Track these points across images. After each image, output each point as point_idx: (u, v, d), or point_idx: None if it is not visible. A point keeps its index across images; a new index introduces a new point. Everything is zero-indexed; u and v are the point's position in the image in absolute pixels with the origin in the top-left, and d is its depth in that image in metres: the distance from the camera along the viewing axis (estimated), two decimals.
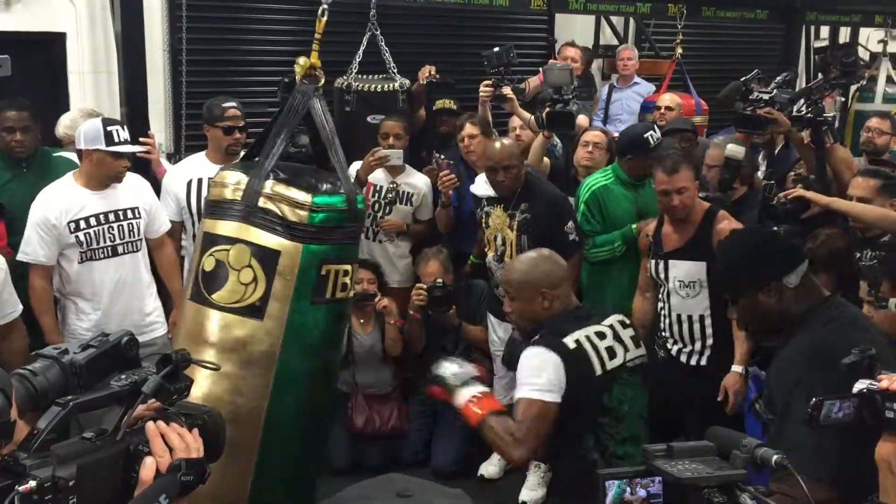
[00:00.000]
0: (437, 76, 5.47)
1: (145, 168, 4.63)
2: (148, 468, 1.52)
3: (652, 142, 4.59)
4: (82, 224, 3.97)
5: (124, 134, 3.99)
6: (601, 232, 4.61)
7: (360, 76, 5.50)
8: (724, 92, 5.49)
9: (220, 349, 2.73)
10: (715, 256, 3.70)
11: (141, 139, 4.60)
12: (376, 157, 4.80)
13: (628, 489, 1.82)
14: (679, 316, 3.95)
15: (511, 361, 3.18)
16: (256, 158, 3.01)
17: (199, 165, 4.62)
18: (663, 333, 4.06)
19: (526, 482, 4.54)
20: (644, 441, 2.87)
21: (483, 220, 4.64)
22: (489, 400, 2.91)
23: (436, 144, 5.50)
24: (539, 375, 2.81)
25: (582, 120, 5.43)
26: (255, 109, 5.36)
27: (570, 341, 2.87)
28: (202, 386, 2.66)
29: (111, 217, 4.05)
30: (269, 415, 2.79)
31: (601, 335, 2.94)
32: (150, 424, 1.55)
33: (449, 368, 2.94)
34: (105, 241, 4.04)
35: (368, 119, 5.34)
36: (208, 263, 2.72)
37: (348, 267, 2.87)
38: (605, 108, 7.09)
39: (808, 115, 4.53)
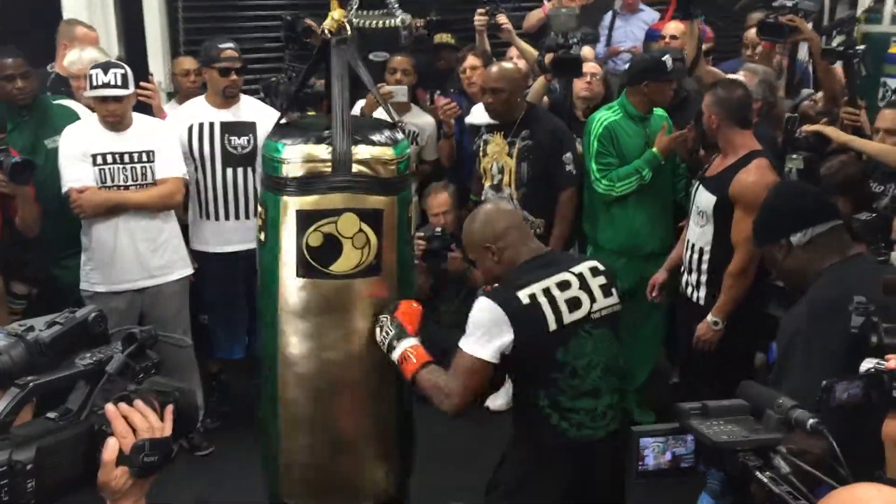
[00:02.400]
0: (437, 16, 5.25)
1: (146, 114, 4.44)
2: (110, 449, 1.43)
3: (669, 65, 4.33)
4: (99, 160, 3.98)
5: (103, 77, 3.85)
6: (618, 167, 4.38)
7: (360, 12, 5.25)
8: (745, 1, 5.26)
9: (352, 311, 2.78)
10: (727, 196, 3.64)
11: (141, 83, 4.43)
12: (381, 94, 4.63)
13: (666, 450, 1.70)
14: (688, 241, 3.88)
15: None
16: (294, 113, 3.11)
17: (199, 110, 4.43)
18: (683, 264, 3.97)
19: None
20: (611, 395, 2.72)
21: (481, 149, 4.49)
22: (422, 353, 2.73)
23: (439, 82, 5.32)
24: (479, 329, 2.60)
25: (587, 52, 5.22)
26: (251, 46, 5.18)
27: (524, 296, 2.61)
28: (349, 347, 2.79)
29: (126, 158, 4.01)
30: None
31: (565, 285, 2.66)
32: (109, 406, 1.45)
33: (378, 335, 2.79)
34: (118, 181, 4.00)
35: (370, 56, 5.12)
36: (315, 239, 2.69)
37: (413, 200, 3.03)
38: (608, 36, 6.81)
39: (840, 47, 4.34)
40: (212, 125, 4.38)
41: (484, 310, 2.61)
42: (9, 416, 1.36)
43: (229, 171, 4.38)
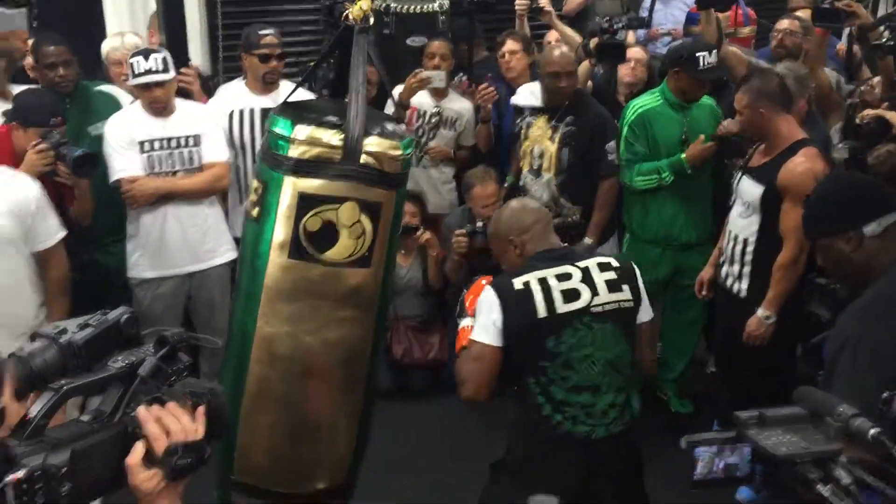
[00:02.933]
0: None
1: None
2: (136, 453, 1.40)
3: (702, 63, 4.13)
4: (146, 146, 3.96)
5: (145, 64, 3.84)
6: (647, 157, 4.26)
7: None
8: None
9: (338, 299, 2.75)
10: (775, 186, 3.51)
11: (182, 69, 4.43)
12: (418, 79, 4.58)
13: (717, 459, 1.64)
14: (730, 233, 3.76)
15: None
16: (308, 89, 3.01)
17: (239, 96, 4.40)
18: (721, 256, 3.85)
19: None
20: (615, 394, 2.64)
21: (522, 132, 4.40)
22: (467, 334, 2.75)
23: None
24: (480, 315, 2.65)
25: (629, 37, 5.12)
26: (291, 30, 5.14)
27: (518, 282, 2.63)
28: (326, 335, 2.75)
29: (172, 143, 4.00)
30: (373, 347, 2.91)
31: (564, 276, 2.65)
32: (141, 409, 1.42)
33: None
34: (166, 167, 4.00)
35: (408, 41, 5.07)
36: (313, 224, 2.66)
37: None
38: (648, 18, 6.64)
39: (889, 42, 4.17)
40: (252, 111, 4.35)
41: (482, 297, 2.67)
42: (43, 419, 1.35)
43: None
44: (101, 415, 1.42)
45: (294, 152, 2.65)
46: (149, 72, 3.86)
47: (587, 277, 2.65)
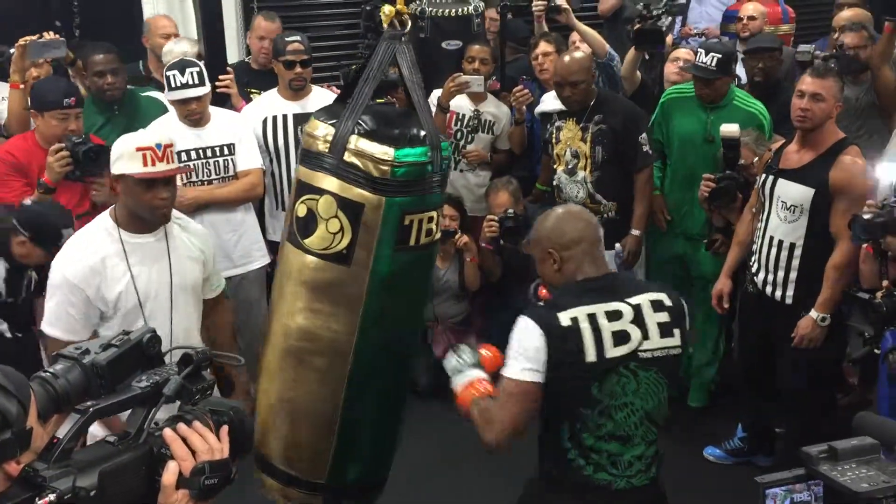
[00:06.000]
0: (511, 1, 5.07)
1: (223, 104, 4.40)
2: (171, 472, 1.39)
3: (696, 60, 4.17)
4: (183, 157, 3.94)
5: (181, 78, 3.83)
6: (661, 147, 4.32)
7: (433, 0, 5.13)
8: None
9: (313, 288, 2.75)
10: (826, 187, 3.34)
11: (220, 77, 4.41)
12: (456, 83, 4.51)
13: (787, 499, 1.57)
14: (772, 239, 3.56)
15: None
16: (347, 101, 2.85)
17: (273, 102, 4.39)
18: (752, 263, 3.69)
19: None
20: (645, 446, 2.36)
21: (553, 136, 4.34)
22: (486, 385, 2.47)
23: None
24: (520, 351, 2.31)
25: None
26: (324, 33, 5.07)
27: (564, 317, 2.28)
28: (300, 321, 2.75)
29: (208, 153, 4.01)
30: (357, 347, 2.79)
31: (615, 315, 2.30)
32: (167, 431, 1.41)
33: (451, 359, 2.61)
34: (202, 176, 4.00)
35: (443, 45, 5.00)
36: (300, 210, 2.70)
37: (433, 214, 2.75)
38: (683, 17, 6.50)
39: None
40: (284, 117, 4.34)
41: (522, 329, 2.33)
42: (70, 441, 1.33)
43: None
44: (126, 436, 1.40)
45: (303, 141, 2.78)
46: (185, 86, 3.85)
47: (638, 318, 2.33)
